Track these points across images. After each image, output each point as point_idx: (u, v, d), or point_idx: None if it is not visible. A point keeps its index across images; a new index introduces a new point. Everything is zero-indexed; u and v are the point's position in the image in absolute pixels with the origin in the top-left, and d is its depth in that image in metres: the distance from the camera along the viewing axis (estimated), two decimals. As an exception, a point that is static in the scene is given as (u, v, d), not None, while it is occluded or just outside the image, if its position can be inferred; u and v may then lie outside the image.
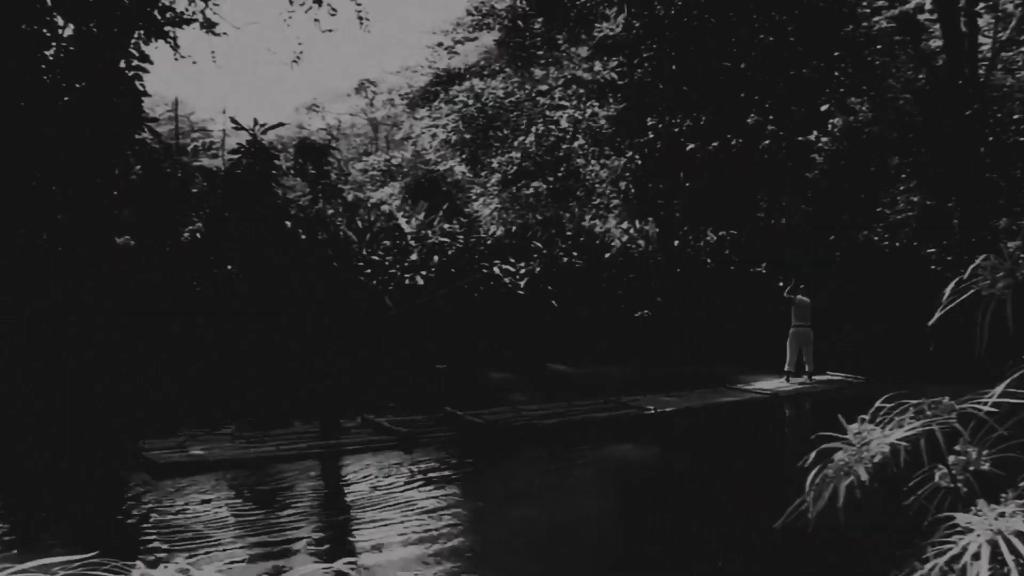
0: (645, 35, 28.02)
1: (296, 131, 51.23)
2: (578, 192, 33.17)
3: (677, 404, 16.65)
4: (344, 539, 8.39)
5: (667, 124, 28.08)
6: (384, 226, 23.08)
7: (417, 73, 38.93)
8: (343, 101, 66.68)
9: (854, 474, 2.13)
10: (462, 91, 33.37)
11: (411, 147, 43.52)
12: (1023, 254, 2.26)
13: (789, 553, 7.34)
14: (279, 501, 9.79)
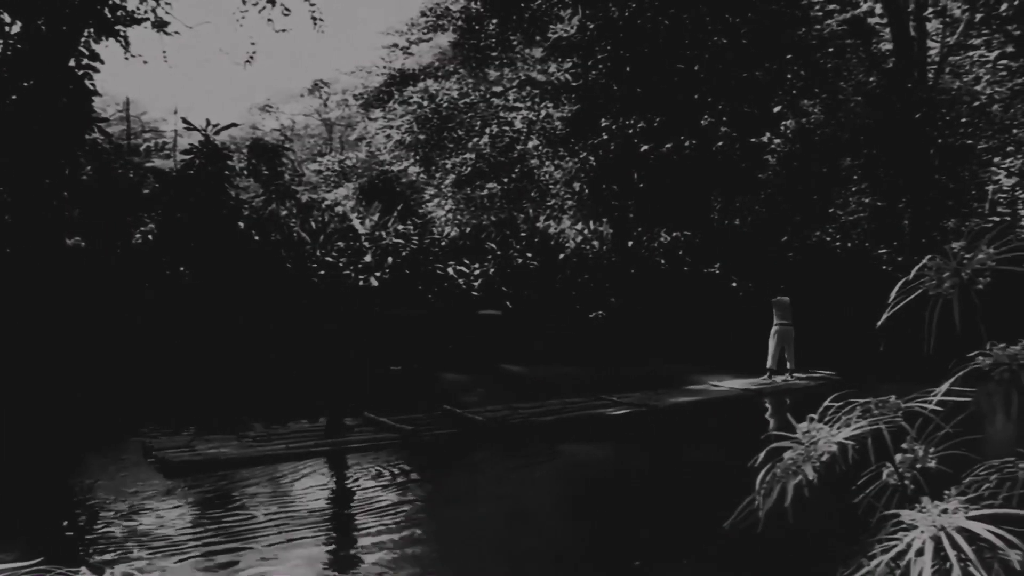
0: (599, 37, 28.12)
1: (249, 132, 50.95)
2: (532, 193, 33.22)
3: (669, 401, 16.93)
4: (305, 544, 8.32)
5: (621, 125, 28.18)
6: (338, 227, 22.96)
7: (372, 74, 38.88)
8: (297, 101, 66.38)
9: (802, 473, 2.14)
10: (416, 92, 33.33)
11: (365, 148, 43.43)
12: (968, 255, 2.29)
13: (739, 552, 7.38)
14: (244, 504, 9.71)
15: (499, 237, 25.44)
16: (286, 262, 20.72)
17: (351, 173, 42.28)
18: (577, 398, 16.73)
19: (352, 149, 49.65)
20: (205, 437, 12.96)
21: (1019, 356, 2.28)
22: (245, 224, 20.96)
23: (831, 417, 2.34)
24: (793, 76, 29.10)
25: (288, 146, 33.81)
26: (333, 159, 47.94)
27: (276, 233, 21.48)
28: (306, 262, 21.19)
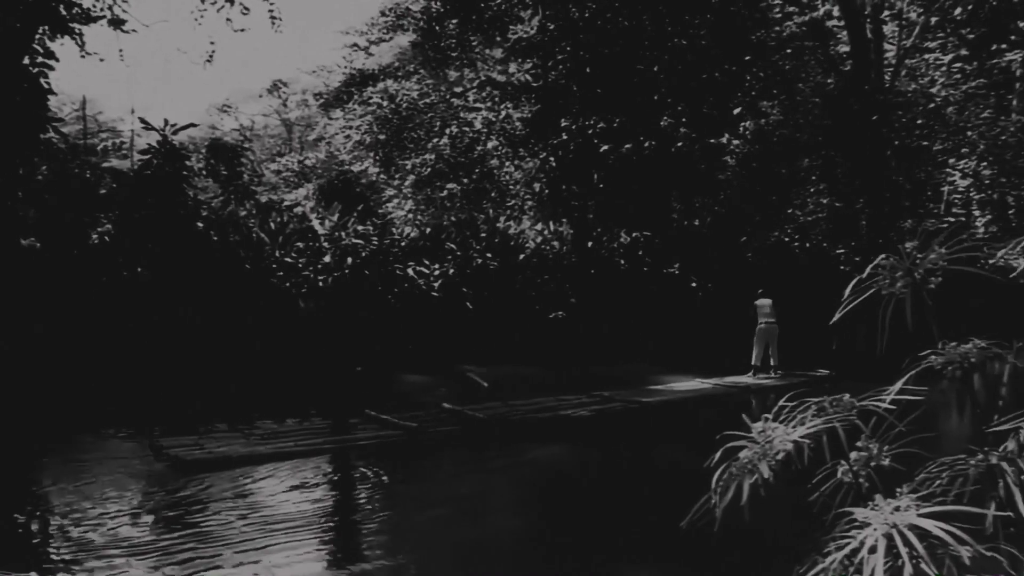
0: (559, 37, 28.17)
1: (208, 132, 50.64)
2: (492, 194, 33.22)
3: (660, 397, 17.35)
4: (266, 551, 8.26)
5: (581, 126, 28.25)
6: (297, 228, 22.84)
7: (333, 73, 38.77)
8: (256, 101, 66.02)
9: (758, 472, 2.15)
10: (376, 92, 33.23)
11: (325, 148, 43.27)
12: (921, 255, 2.31)
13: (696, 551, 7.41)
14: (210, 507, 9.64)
15: (459, 238, 25.39)
16: (245, 263, 20.59)
17: (311, 173, 42.15)
18: (570, 395, 17.02)
19: (312, 149, 49.43)
20: (212, 435, 13.11)
21: (970, 354, 2.31)
22: (204, 225, 20.81)
23: (786, 416, 2.36)
24: (752, 77, 29.27)
25: (247, 146, 33.60)
26: (293, 159, 47.78)
27: (235, 234, 21.34)
28: (265, 263, 21.07)
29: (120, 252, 19.56)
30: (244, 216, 22.39)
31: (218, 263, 19.93)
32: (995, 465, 2.32)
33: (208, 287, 19.16)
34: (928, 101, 29.99)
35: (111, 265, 19.32)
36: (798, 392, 2.54)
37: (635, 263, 27.40)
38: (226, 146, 24.41)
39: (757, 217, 28.88)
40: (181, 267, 19.26)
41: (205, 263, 19.62)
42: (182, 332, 18.31)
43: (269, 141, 65.97)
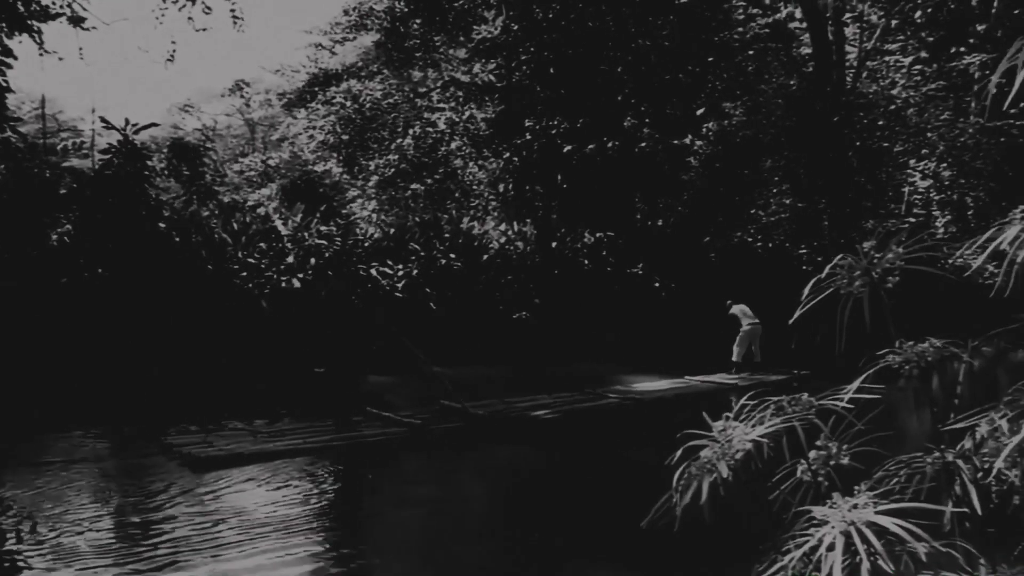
0: (523, 37, 28.18)
1: (170, 131, 50.28)
2: (456, 194, 33.21)
3: (652, 394, 17.50)
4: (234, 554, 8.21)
5: (544, 126, 28.26)
6: (260, 228, 22.71)
7: (297, 73, 38.59)
8: (219, 101, 65.56)
9: (717, 471, 2.16)
10: (339, 92, 33.14)
11: (288, 148, 43.08)
12: (878, 254, 2.33)
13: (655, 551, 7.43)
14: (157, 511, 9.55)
15: (423, 238, 25.33)
16: (207, 263, 20.46)
17: (274, 174, 41.91)
18: (565, 392, 17.23)
19: (275, 149, 49.21)
20: (219, 433, 13.24)
21: (927, 353, 2.33)
22: (165, 225, 20.66)
23: (746, 415, 2.37)
24: (715, 78, 29.42)
25: (210, 146, 33.42)
26: (256, 159, 47.49)
27: (197, 234, 21.19)
28: (227, 263, 20.93)
29: (80, 253, 19.37)
30: (207, 216, 22.23)
31: (180, 264, 19.79)
32: (951, 463, 2.35)
33: (170, 288, 19.02)
34: (889, 103, 30.24)
35: (71, 266, 19.13)
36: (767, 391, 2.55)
37: (599, 263, 27.45)
38: (188, 146, 24.22)
39: (720, 217, 29.02)
40: (142, 268, 19.10)
41: (167, 264, 19.48)
42: (145, 333, 18.18)
43: (232, 141, 65.57)
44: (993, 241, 2.03)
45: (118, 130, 20.79)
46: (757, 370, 20.54)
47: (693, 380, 19.50)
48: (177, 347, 18.32)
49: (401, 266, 23.64)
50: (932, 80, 30.75)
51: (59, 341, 17.62)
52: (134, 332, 18.17)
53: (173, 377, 17.39)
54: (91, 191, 20.13)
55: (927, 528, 1.97)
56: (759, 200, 31.11)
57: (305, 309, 20.74)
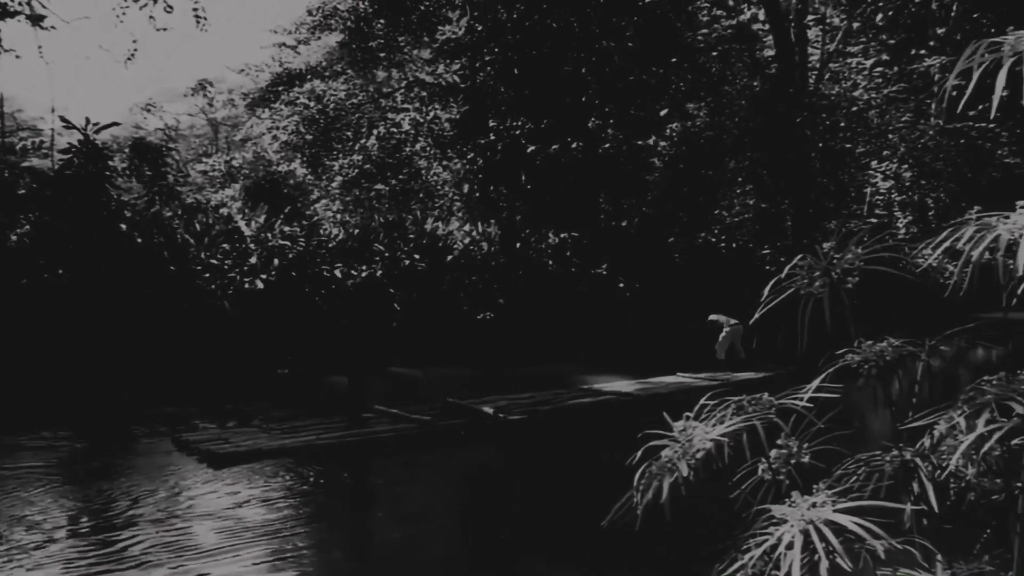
0: (487, 38, 28.15)
1: (132, 131, 49.82)
2: (420, 194, 33.14)
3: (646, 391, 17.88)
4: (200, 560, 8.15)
5: (508, 127, 28.25)
6: (223, 229, 22.57)
7: (262, 72, 38.37)
8: (181, 101, 65.01)
9: (677, 470, 2.17)
10: (303, 92, 32.98)
11: (252, 148, 42.82)
12: (838, 255, 2.34)
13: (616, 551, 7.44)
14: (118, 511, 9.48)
15: (387, 239, 25.26)
16: (169, 264, 20.30)
17: (238, 174, 41.63)
18: (562, 390, 17.89)
19: (239, 150, 48.87)
20: (234, 430, 13.69)
21: (885, 352, 2.35)
22: (127, 226, 20.48)
23: (707, 415, 2.38)
24: (679, 79, 29.50)
25: (172, 146, 33.17)
26: (219, 160, 47.17)
27: (159, 235, 21.03)
28: (190, 264, 20.79)
29: (40, 254, 19.17)
30: (169, 217, 22.07)
31: (142, 265, 19.63)
32: (909, 461, 2.36)
33: (132, 290, 18.87)
34: (851, 104, 30.47)
35: (31, 267, 18.93)
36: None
37: (563, 263, 27.48)
38: (150, 146, 23.99)
39: (684, 218, 29.11)
40: (104, 269, 18.93)
41: (128, 265, 19.32)
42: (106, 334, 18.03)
43: (195, 141, 65.07)
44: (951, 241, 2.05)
45: (78, 129, 20.60)
46: (740, 367, 20.84)
47: (685, 377, 19.85)
48: (138, 348, 18.18)
49: (365, 267, 23.56)
50: (893, 82, 31.03)
51: (19, 343, 17.44)
52: (96, 334, 18.01)
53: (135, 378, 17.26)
54: (51, 191, 19.92)
55: (886, 526, 1.99)
56: (723, 201, 31.24)
57: (268, 310, 20.64)
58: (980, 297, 2.25)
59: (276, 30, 36.93)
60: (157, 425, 14.39)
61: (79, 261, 19.09)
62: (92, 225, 19.52)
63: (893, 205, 34.90)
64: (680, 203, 28.96)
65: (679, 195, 28.93)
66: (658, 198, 29.28)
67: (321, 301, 21.94)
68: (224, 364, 18.89)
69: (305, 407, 15.69)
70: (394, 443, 13.26)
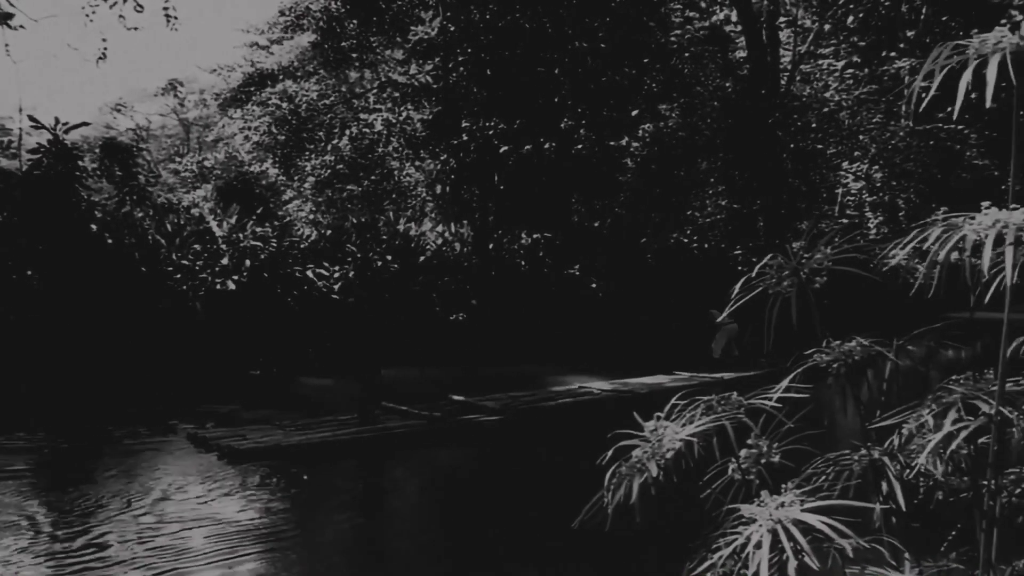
0: (460, 39, 28.12)
1: (103, 131, 49.44)
2: (393, 195, 33.06)
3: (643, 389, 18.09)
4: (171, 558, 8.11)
5: (481, 127, 28.23)
6: (195, 230, 22.45)
7: (234, 72, 38.19)
8: (152, 101, 64.54)
9: (647, 470, 2.17)
10: (275, 93, 32.85)
11: (224, 149, 42.62)
12: (807, 254, 2.35)
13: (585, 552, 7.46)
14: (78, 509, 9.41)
15: (359, 240, 25.21)
16: (140, 265, 20.18)
17: (210, 174, 41.42)
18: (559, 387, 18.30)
19: (211, 150, 48.62)
20: (249, 427, 13.86)
21: (853, 352, 2.36)
22: (98, 227, 20.33)
23: (676, 415, 2.38)
24: (651, 81, 29.57)
25: (143, 146, 32.97)
26: (191, 160, 46.93)
27: (130, 236, 20.90)
28: (161, 265, 20.67)
29: (10, 255, 19.02)
30: (140, 218, 21.93)
31: (113, 266, 19.50)
32: (877, 460, 2.38)
33: (102, 290, 18.74)
34: (822, 106, 30.67)
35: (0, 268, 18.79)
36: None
37: (536, 264, 27.50)
38: (121, 146, 23.80)
39: (656, 218, 29.19)
40: (74, 270, 18.80)
41: (99, 266, 19.18)
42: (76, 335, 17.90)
43: (167, 141, 64.67)
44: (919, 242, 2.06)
45: (48, 129, 20.43)
46: (733, 366, 21.07)
47: (681, 376, 20.08)
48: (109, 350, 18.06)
49: (337, 268, 23.51)
50: (864, 84, 31.25)
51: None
52: (66, 336, 17.88)
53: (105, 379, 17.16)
54: (20, 192, 19.74)
55: (855, 524, 2.00)
56: (695, 201, 31.36)
57: (240, 311, 20.55)
58: (950, 297, 2.26)
59: (248, 30, 36.85)
60: (136, 426, 14.34)
61: (49, 262, 18.94)
62: (62, 226, 19.37)
63: (864, 205, 35.15)
64: (653, 204, 29.03)
65: (651, 196, 29.00)
66: (630, 199, 29.34)
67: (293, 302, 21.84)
68: (195, 365, 18.81)
69: (277, 408, 15.64)
70: (407, 439, 13.62)
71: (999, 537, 2.21)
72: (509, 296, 25.28)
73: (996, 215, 1.91)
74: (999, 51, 1.86)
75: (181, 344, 19.16)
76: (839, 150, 31.62)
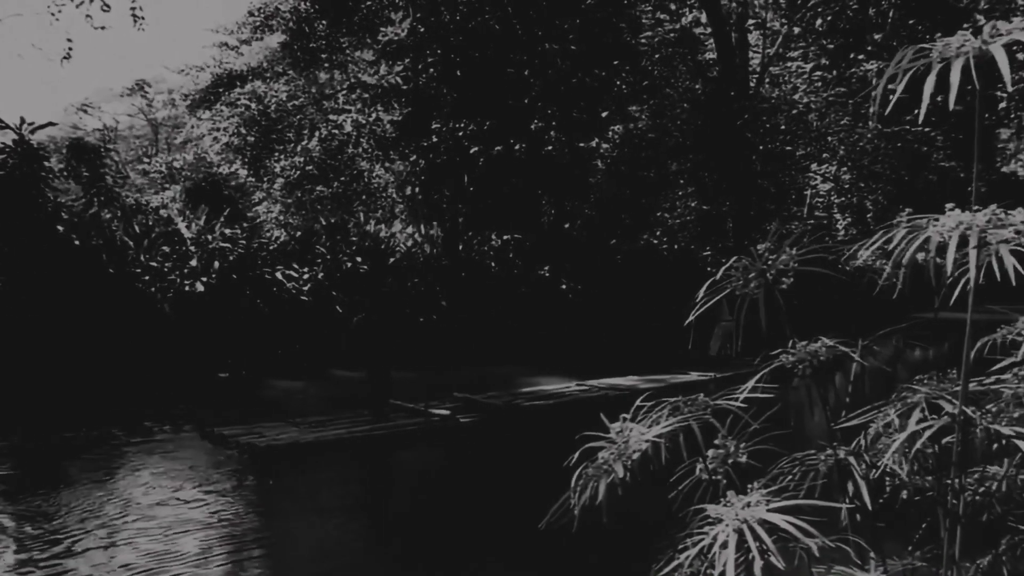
0: (430, 40, 28.10)
1: (70, 132, 49.11)
2: (363, 196, 32.99)
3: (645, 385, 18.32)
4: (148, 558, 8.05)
5: (451, 129, 28.22)
6: (163, 231, 22.30)
7: (203, 72, 37.95)
8: (119, 101, 64.14)
9: (613, 472, 2.18)
10: (244, 93, 32.70)
11: (193, 150, 42.40)
12: (773, 255, 2.36)
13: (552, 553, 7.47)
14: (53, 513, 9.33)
15: (329, 241, 25.13)
16: (108, 267, 20.03)
17: (178, 175, 41.18)
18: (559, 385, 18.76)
19: (180, 151, 48.35)
20: (260, 424, 14.07)
21: (819, 353, 2.37)
22: (64, 228, 20.16)
23: (643, 416, 2.39)
24: (622, 82, 29.65)
25: (111, 147, 32.71)
26: (160, 161, 46.65)
27: (97, 237, 20.73)
28: (129, 267, 20.52)
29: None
30: (108, 219, 21.77)
31: (80, 268, 19.35)
32: (843, 460, 2.39)
33: (69, 292, 18.59)
34: (791, 107, 30.82)
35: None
36: (653, 393, 2.57)
37: (506, 265, 27.51)
38: (88, 146, 23.64)
39: (626, 220, 29.27)
40: (40, 272, 18.64)
41: (66, 268, 19.03)
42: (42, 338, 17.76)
43: (135, 142, 64.27)
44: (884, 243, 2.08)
45: (12, 129, 20.23)
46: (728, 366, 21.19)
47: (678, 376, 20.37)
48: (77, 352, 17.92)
49: (307, 269, 23.43)
50: (832, 86, 31.42)
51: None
52: (32, 338, 17.73)
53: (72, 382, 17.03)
54: (-15, 192, 19.57)
55: (821, 524, 2.01)
56: (665, 203, 31.48)
57: (209, 313, 20.45)
58: (918, 298, 2.29)
59: (217, 30, 36.60)
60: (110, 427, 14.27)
61: (14, 264, 18.78)
62: (28, 227, 19.20)
63: (833, 207, 35.41)
64: (622, 205, 29.11)
65: (621, 197, 29.09)
66: (601, 200, 29.41)
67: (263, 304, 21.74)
68: (164, 367, 18.70)
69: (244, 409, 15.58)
70: (420, 436, 14.02)
71: (963, 535, 2.23)
72: (479, 297, 25.28)
73: (959, 217, 1.93)
74: (962, 55, 1.88)
75: (149, 346, 19.03)
76: (808, 152, 31.80)
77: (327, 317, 22.56)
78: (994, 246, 1.88)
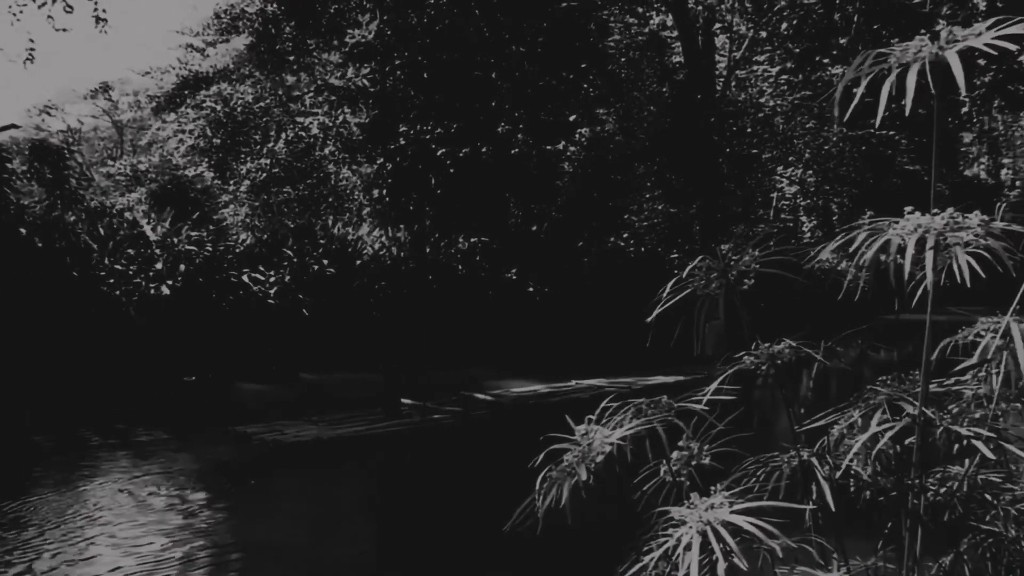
0: (397, 43, 28.04)
1: (32, 133, 48.65)
2: (330, 199, 32.87)
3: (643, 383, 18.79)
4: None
5: (418, 131, 28.17)
6: (128, 234, 22.13)
7: (168, 74, 37.69)
8: (83, 103, 63.59)
9: (577, 474, 2.18)
10: (210, 95, 32.50)
11: (158, 152, 42.12)
12: (735, 256, 2.37)
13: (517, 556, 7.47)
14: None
15: (296, 244, 25.03)
16: (72, 270, 19.86)
17: (144, 178, 40.86)
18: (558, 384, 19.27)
19: (145, 153, 48.00)
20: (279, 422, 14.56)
21: (781, 355, 2.39)
22: (27, 231, 19.98)
23: (607, 418, 2.39)
24: (589, 85, 29.70)
25: (75, 149, 32.42)
26: (125, 163, 46.29)
27: (61, 240, 20.56)
28: (93, 270, 20.36)
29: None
30: (72, 222, 21.59)
31: (43, 270, 19.18)
32: (806, 461, 2.41)
33: (32, 295, 18.43)
34: (757, 111, 31.02)
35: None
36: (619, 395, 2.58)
37: (473, 268, 27.51)
38: (51, 148, 23.47)
39: (593, 222, 29.32)
40: (1, 275, 18.46)
41: (28, 271, 18.86)
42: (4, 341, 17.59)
43: (99, 144, 63.75)
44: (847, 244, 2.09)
45: (-27, 131, 20.08)
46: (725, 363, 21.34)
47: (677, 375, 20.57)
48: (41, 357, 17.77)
49: (274, 272, 23.32)
50: (798, 89, 31.64)
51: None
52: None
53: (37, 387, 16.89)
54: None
55: (785, 525, 2.02)
56: (632, 205, 31.56)
57: (175, 316, 20.32)
58: (883, 299, 2.30)
59: (183, 31, 36.42)
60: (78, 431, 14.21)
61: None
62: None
63: (799, 209, 35.63)
64: (590, 208, 29.16)
65: (589, 200, 29.13)
66: (568, 203, 29.45)
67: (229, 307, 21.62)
68: (130, 371, 18.57)
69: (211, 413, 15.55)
70: (435, 432, 14.61)
71: (924, 535, 2.25)
72: (447, 300, 25.26)
73: (918, 220, 1.95)
74: (919, 60, 1.90)
75: (115, 350, 18.89)
76: (774, 155, 32.01)
77: (294, 320, 22.46)
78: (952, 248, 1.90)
